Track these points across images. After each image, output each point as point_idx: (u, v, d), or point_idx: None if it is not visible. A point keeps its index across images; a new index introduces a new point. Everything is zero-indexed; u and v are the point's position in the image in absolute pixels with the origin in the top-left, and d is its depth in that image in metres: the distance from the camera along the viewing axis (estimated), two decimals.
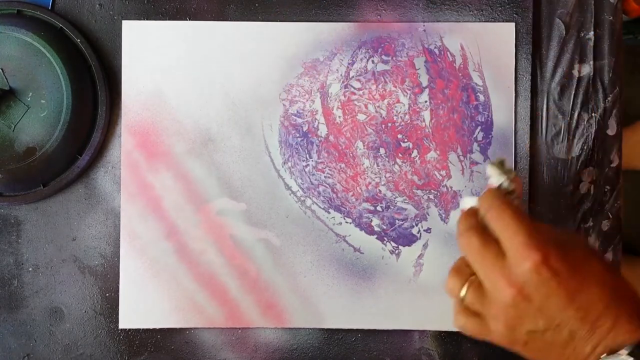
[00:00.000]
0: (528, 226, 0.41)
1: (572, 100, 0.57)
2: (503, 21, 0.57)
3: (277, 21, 0.57)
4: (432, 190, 0.57)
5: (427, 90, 0.57)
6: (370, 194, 0.57)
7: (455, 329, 0.57)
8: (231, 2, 0.57)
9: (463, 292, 0.44)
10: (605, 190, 0.57)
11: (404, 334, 0.57)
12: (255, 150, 0.57)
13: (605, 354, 0.39)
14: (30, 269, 0.57)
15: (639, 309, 0.41)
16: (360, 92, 0.57)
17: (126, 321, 0.57)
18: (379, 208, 0.57)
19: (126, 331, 0.57)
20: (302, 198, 0.57)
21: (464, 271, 0.44)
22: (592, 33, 0.57)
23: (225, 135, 0.57)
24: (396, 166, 0.57)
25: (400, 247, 0.57)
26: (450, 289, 0.45)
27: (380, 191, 0.57)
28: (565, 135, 0.57)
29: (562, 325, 0.40)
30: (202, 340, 0.57)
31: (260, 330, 0.57)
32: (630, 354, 0.38)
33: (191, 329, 0.57)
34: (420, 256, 0.57)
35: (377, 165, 0.57)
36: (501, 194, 0.43)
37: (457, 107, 0.57)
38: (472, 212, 0.44)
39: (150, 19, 0.57)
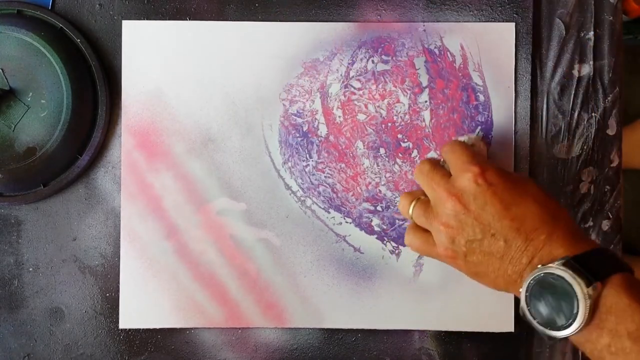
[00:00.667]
0: (474, 153, 0.47)
1: (572, 100, 0.57)
2: (503, 21, 0.57)
3: (277, 21, 0.57)
4: None
5: (427, 90, 0.57)
6: (370, 194, 0.57)
7: (455, 329, 0.57)
8: (231, 2, 0.57)
9: (411, 209, 0.49)
10: (605, 190, 0.57)
11: (404, 334, 0.57)
12: (255, 150, 0.57)
13: (540, 265, 0.41)
14: (30, 269, 0.57)
15: (573, 228, 0.43)
16: (360, 92, 0.57)
17: (126, 321, 0.57)
18: (379, 208, 0.57)
19: (126, 331, 0.57)
20: (302, 198, 0.57)
21: (414, 193, 0.50)
22: (592, 33, 0.57)
23: (225, 135, 0.57)
24: (396, 166, 0.57)
25: (400, 247, 0.57)
26: (401, 207, 0.50)
27: (380, 191, 0.57)
28: (565, 135, 0.57)
29: (498, 234, 0.43)
30: (202, 340, 0.57)
31: (260, 330, 0.57)
32: (564, 265, 0.40)
33: (191, 329, 0.57)
34: (420, 256, 0.57)
35: (377, 165, 0.57)
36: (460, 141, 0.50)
37: (457, 107, 0.57)
38: (432, 158, 0.51)
39: (150, 19, 0.57)
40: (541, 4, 0.57)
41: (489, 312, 0.56)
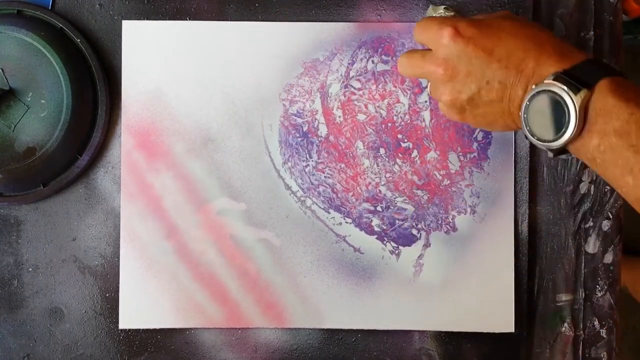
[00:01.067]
0: (441, 18, 0.48)
1: None
2: None
3: (277, 21, 0.57)
4: (432, 190, 0.57)
5: (427, 90, 0.57)
6: (370, 194, 0.57)
7: (455, 330, 0.57)
8: (231, 2, 0.57)
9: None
10: (606, 190, 0.57)
11: (404, 334, 0.57)
12: (255, 150, 0.57)
13: (534, 85, 0.43)
14: (30, 269, 0.57)
15: (559, 47, 0.44)
16: (360, 92, 0.57)
17: (126, 321, 0.57)
18: (379, 208, 0.57)
19: (126, 331, 0.57)
20: (302, 198, 0.57)
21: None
22: (592, 33, 0.57)
23: (225, 135, 0.57)
24: (396, 166, 0.57)
25: (400, 247, 0.57)
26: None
27: (380, 191, 0.57)
28: None
29: (491, 80, 0.44)
30: (202, 340, 0.57)
31: (260, 330, 0.57)
32: (554, 80, 0.42)
33: (191, 329, 0.57)
34: (420, 256, 0.57)
35: (377, 165, 0.57)
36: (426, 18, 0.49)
37: None
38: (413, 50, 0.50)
39: (150, 19, 0.57)
40: (541, 4, 0.57)
41: (489, 312, 0.56)
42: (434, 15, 0.52)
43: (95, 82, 0.56)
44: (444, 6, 0.53)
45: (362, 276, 0.57)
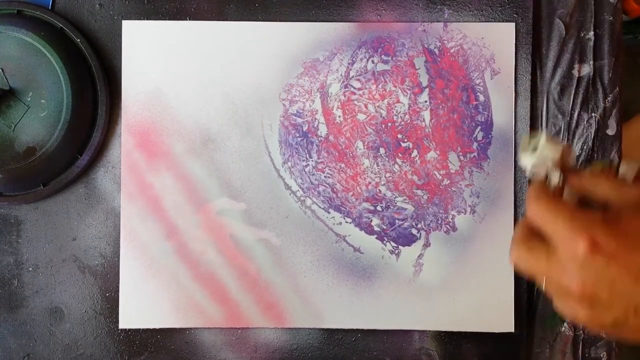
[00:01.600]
0: (567, 208, 0.38)
1: (572, 100, 0.57)
2: (503, 21, 0.57)
3: (277, 21, 0.57)
4: (432, 190, 0.57)
5: (427, 90, 0.57)
6: (370, 194, 0.57)
7: (455, 329, 0.57)
8: (231, 2, 0.57)
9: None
10: None
11: (404, 334, 0.57)
12: (255, 150, 0.57)
13: None
14: (30, 269, 0.57)
15: None
16: (360, 92, 0.57)
17: (126, 321, 0.57)
18: (378, 208, 0.57)
19: (126, 331, 0.57)
20: (302, 198, 0.57)
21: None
22: (592, 33, 0.57)
23: (225, 135, 0.57)
24: (396, 166, 0.57)
25: (400, 247, 0.57)
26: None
27: (380, 191, 0.57)
28: (565, 135, 0.57)
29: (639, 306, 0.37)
30: (202, 340, 0.57)
31: (260, 330, 0.57)
32: None
33: (191, 329, 0.57)
34: (420, 256, 0.57)
35: (377, 165, 0.57)
36: (539, 184, 0.40)
37: (457, 107, 0.57)
38: (523, 223, 0.41)
39: (150, 19, 0.57)
40: (541, 4, 0.57)
41: (489, 312, 0.56)
42: (534, 158, 0.41)
43: (95, 82, 0.56)
44: (544, 135, 0.40)
45: (362, 276, 0.57)
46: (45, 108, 0.54)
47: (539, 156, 0.40)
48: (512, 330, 0.56)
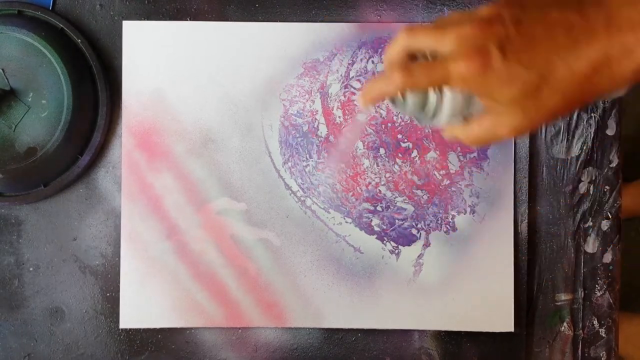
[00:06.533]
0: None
1: None
2: None
3: (277, 21, 0.57)
4: (432, 190, 0.57)
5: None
6: (370, 194, 0.57)
7: (455, 329, 0.57)
8: (231, 2, 0.58)
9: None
10: (605, 190, 0.58)
11: (404, 334, 0.57)
12: (256, 150, 0.57)
13: None
14: (31, 269, 0.58)
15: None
16: None
17: (127, 321, 0.57)
18: (378, 208, 0.57)
19: (127, 331, 0.57)
20: (302, 198, 0.57)
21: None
22: None
23: (226, 135, 0.57)
24: (396, 166, 0.57)
25: (400, 247, 0.57)
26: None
27: (380, 191, 0.57)
28: (565, 135, 0.58)
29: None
30: (202, 339, 0.57)
31: (261, 330, 0.57)
32: None
33: (191, 328, 0.57)
34: (420, 256, 0.57)
35: (377, 165, 0.57)
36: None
37: None
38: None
39: (150, 19, 0.57)
40: None
41: (489, 311, 0.57)
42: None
43: (96, 82, 0.56)
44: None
45: (362, 276, 0.57)
46: (46, 108, 0.54)
47: None
48: (512, 330, 0.57)
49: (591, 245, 0.58)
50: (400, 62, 0.39)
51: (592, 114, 0.58)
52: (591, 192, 0.58)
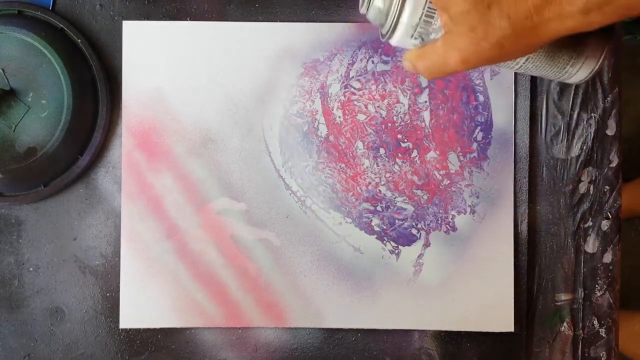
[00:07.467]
0: None
1: (571, 100, 0.57)
2: None
3: (277, 21, 0.57)
4: (432, 190, 0.57)
5: (426, 90, 0.57)
6: (370, 194, 0.57)
7: (455, 329, 0.57)
8: (231, 2, 0.58)
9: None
10: (605, 190, 0.58)
11: (404, 334, 0.57)
12: (256, 150, 0.57)
13: None
14: (30, 269, 0.58)
15: None
16: (360, 93, 0.57)
17: (127, 321, 0.57)
18: (378, 208, 0.57)
19: (127, 331, 0.57)
20: (302, 198, 0.57)
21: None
22: None
23: (226, 135, 0.57)
24: (396, 166, 0.57)
25: (400, 247, 0.57)
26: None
27: (380, 191, 0.57)
28: (565, 135, 0.58)
29: None
30: (202, 340, 0.57)
31: (261, 330, 0.57)
32: None
33: (191, 328, 0.57)
34: (420, 256, 0.57)
35: (377, 165, 0.57)
36: None
37: (456, 107, 0.57)
38: None
39: (150, 19, 0.57)
40: None
41: (489, 311, 0.57)
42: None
43: (96, 83, 0.56)
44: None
45: (362, 276, 0.57)
46: (46, 108, 0.54)
47: None
48: (512, 330, 0.57)
49: (591, 245, 0.58)
50: None
51: (592, 114, 0.58)
52: (591, 192, 0.58)
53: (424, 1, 0.39)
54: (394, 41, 0.41)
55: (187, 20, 0.57)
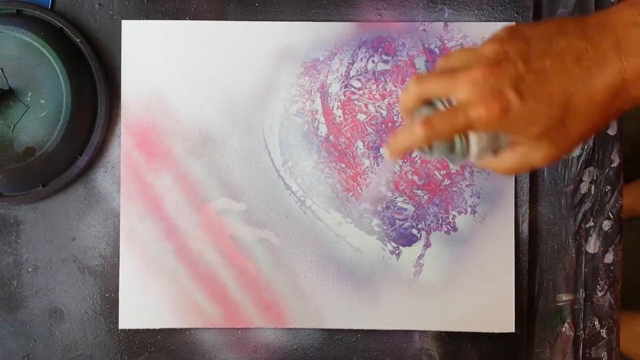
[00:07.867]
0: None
1: None
2: (503, 21, 0.57)
3: (277, 21, 0.57)
4: (433, 190, 0.57)
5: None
6: (370, 194, 0.57)
7: (455, 330, 0.57)
8: (231, 1, 0.57)
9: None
10: (606, 190, 0.57)
11: (404, 334, 0.57)
12: (256, 150, 0.57)
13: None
14: (29, 269, 0.57)
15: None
16: (361, 92, 0.57)
17: (126, 321, 0.57)
18: (379, 208, 0.57)
19: (126, 331, 0.57)
20: (302, 198, 0.57)
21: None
22: None
23: (226, 135, 0.57)
24: (396, 166, 0.57)
25: (400, 247, 0.57)
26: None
27: (380, 191, 0.57)
28: None
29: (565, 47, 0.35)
30: (202, 340, 0.57)
31: (260, 330, 0.57)
32: None
33: (191, 329, 0.57)
34: (421, 256, 0.57)
35: (377, 165, 0.57)
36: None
37: None
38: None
39: (149, 19, 0.57)
40: (541, 4, 0.57)
41: (489, 312, 0.56)
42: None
43: (95, 82, 0.56)
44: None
45: (362, 276, 0.57)
46: (45, 108, 0.54)
47: None
48: (513, 331, 0.56)
49: (592, 246, 0.57)
50: (415, 111, 0.39)
51: None
52: (592, 192, 0.57)
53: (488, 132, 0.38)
54: (466, 163, 0.40)
55: (186, 19, 0.57)
